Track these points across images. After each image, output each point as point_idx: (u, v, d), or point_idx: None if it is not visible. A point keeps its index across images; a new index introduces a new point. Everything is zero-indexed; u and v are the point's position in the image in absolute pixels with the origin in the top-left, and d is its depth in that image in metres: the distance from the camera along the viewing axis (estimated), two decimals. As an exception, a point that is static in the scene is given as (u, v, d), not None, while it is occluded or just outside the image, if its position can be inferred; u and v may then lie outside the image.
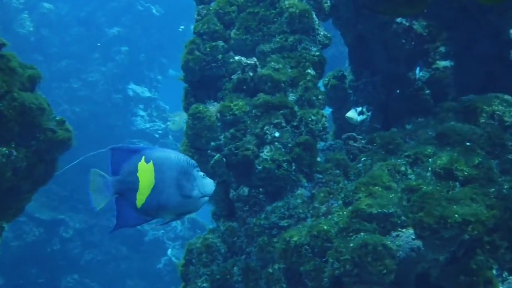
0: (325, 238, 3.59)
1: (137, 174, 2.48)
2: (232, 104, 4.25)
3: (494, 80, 4.70)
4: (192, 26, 4.77)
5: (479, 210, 3.34)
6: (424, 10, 4.14)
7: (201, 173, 2.64)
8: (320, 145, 4.40)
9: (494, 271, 3.43)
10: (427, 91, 4.85)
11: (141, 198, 2.48)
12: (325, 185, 4.10)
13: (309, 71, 4.44)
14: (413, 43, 4.77)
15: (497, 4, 3.38)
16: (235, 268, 4.08)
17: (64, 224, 11.90)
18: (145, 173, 2.48)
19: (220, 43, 4.54)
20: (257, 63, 4.40)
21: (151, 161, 2.50)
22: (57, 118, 3.87)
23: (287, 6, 4.52)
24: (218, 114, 4.30)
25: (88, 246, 12.21)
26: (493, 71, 4.67)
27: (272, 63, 4.42)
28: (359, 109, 4.93)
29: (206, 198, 2.67)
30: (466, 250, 3.42)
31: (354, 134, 4.47)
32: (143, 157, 2.50)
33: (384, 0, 1.71)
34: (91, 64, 13.73)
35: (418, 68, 4.78)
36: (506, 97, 4.30)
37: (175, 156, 2.59)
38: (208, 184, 2.66)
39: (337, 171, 4.14)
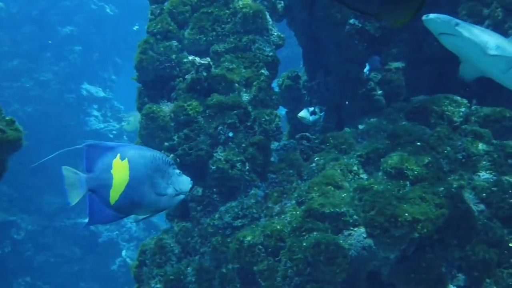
0: (278, 237, 3.61)
1: (111, 171, 2.49)
2: (185, 104, 4.23)
3: (444, 81, 4.79)
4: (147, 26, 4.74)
5: (429, 209, 3.40)
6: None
7: (177, 171, 2.67)
8: (274, 145, 4.42)
9: (443, 269, 3.50)
10: (379, 92, 4.92)
11: (114, 195, 2.49)
12: (278, 185, 4.12)
13: (262, 71, 4.46)
14: (365, 44, 4.83)
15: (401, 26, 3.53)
16: (188, 268, 4.07)
17: (15, 226, 11.66)
18: (120, 170, 2.50)
19: (174, 42, 4.52)
20: (211, 63, 4.39)
21: (126, 159, 2.52)
22: (7, 118, 3.78)
23: (240, 6, 4.52)
24: (172, 114, 4.28)
25: (40, 248, 11.98)
26: (443, 72, 4.76)
27: (226, 63, 4.42)
28: (311, 109, 4.97)
29: (182, 196, 2.71)
30: (416, 248, 3.48)
31: (307, 134, 4.50)
32: (118, 154, 2.51)
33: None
34: (43, 63, 13.49)
35: (368, 65, 4.83)
36: (455, 97, 4.39)
37: (151, 154, 2.61)
38: (184, 182, 2.69)
39: (291, 171, 4.16)
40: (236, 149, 4.14)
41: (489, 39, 3.84)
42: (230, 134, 4.16)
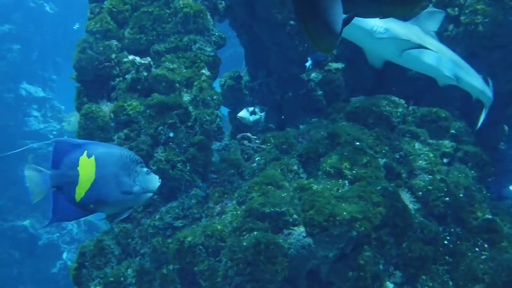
0: (219, 237, 3.61)
1: (78, 168, 2.50)
2: (126, 104, 4.19)
3: (383, 82, 4.88)
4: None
5: (366, 208, 3.46)
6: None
7: (145, 169, 2.68)
8: (215, 145, 4.42)
9: (381, 266, 3.56)
10: (320, 92, 4.97)
11: (80, 192, 2.51)
12: (219, 185, 4.12)
13: (204, 71, 4.45)
14: (306, 44, 4.87)
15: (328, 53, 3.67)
16: (129, 270, 4.02)
17: (-49, 229, 11.35)
18: (86, 167, 2.51)
19: (114, 42, 4.47)
20: (152, 63, 4.36)
21: (93, 156, 2.52)
22: None
23: (181, 6, 4.50)
24: (112, 114, 4.23)
25: (-22, 251, 11.69)
26: (382, 74, 4.85)
27: (167, 63, 4.40)
28: (251, 109, 4.99)
29: (150, 194, 2.72)
30: (354, 247, 3.53)
31: (248, 134, 4.51)
32: (86, 151, 2.52)
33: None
34: (-20, 62, 13.17)
35: (310, 59, 4.87)
36: (393, 98, 4.48)
37: (118, 152, 2.63)
38: (152, 180, 2.70)
39: (232, 171, 4.17)
40: (177, 149, 4.12)
41: (376, 23, 3.93)
42: (171, 134, 4.14)
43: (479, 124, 4.55)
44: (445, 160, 4.30)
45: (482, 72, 4.55)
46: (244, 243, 3.45)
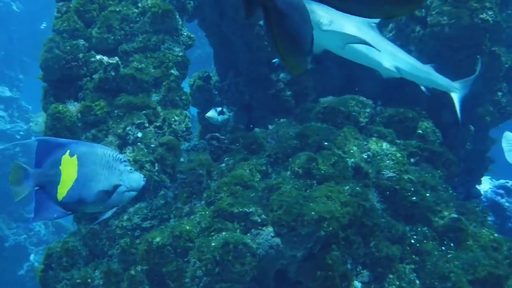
0: (187, 238, 3.60)
1: (60, 167, 2.51)
2: (93, 104, 4.16)
3: (351, 83, 4.91)
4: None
5: (334, 208, 3.47)
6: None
7: (129, 168, 2.68)
8: (184, 145, 4.41)
9: (348, 266, 3.58)
10: (289, 93, 4.99)
11: (62, 191, 2.51)
12: (188, 185, 4.11)
13: (172, 71, 4.44)
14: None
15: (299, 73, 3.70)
16: (96, 271, 3.99)
17: None
18: (68, 166, 2.52)
19: (81, 41, 4.42)
20: (119, 62, 4.33)
21: (76, 155, 2.53)
22: None
23: (149, 5, 4.48)
24: (79, 115, 4.19)
25: None
26: (350, 74, 4.88)
27: (135, 63, 4.37)
28: (219, 109, 4.99)
29: (133, 193, 2.72)
30: (322, 246, 3.54)
31: (217, 134, 4.50)
32: (68, 150, 2.53)
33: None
34: None
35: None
36: (361, 98, 4.51)
37: (101, 150, 2.62)
38: (135, 179, 2.70)
39: (200, 171, 4.15)
40: (145, 150, 4.10)
41: (323, 15, 3.96)
42: (139, 135, 4.12)
43: (459, 114, 4.57)
44: (412, 160, 4.35)
45: (448, 73, 4.61)
46: (213, 244, 3.45)
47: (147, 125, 4.16)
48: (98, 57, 4.36)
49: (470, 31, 4.53)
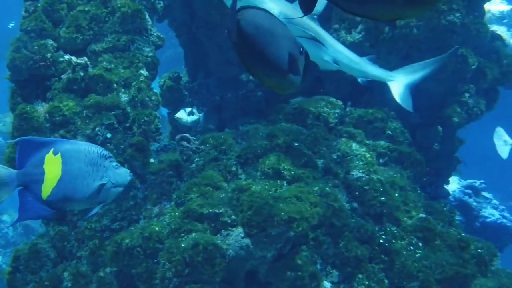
0: (157, 239, 3.58)
1: (44, 166, 2.51)
2: (61, 105, 4.11)
3: (321, 83, 4.94)
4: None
5: (304, 208, 3.49)
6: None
7: (114, 164, 2.68)
8: (154, 146, 4.38)
9: (318, 266, 3.61)
10: (259, 93, 5.00)
11: (46, 190, 2.51)
12: (158, 186, 4.09)
13: (142, 71, 4.41)
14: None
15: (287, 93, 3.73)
16: (65, 273, 3.95)
17: None
18: (52, 165, 2.51)
19: (49, 41, 4.37)
20: (88, 62, 4.29)
21: (59, 153, 2.53)
22: None
23: (119, 5, 4.45)
24: (47, 115, 4.14)
25: None
26: (320, 75, 4.91)
27: (104, 63, 4.34)
28: (189, 109, 4.98)
29: (120, 189, 2.72)
30: (292, 247, 3.56)
31: (187, 135, 4.49)
32: (52, 149, 2.53)
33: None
34: None
35: None
36: (331, 99, 4.54)
37: (85, 147, 2.62)
38: (121, 175, 2.70)
39: (170, 172, 4.14)
40: (115, 151, 4.06)
41: (272, 7, 3.95)
42: (108, 135, 4.09)
43: (398, 101, 4.51)
44: (381, 161, 4.39)
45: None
46: (182, 245, 3.44)
47: (116, 125, 4.12)
48: (66, 57, 4.31)
49: (438, 32, 4.58)
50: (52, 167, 2.52)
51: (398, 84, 4.49)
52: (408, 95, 4.48)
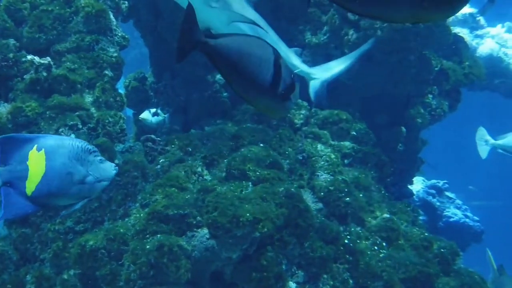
0: (122, 241, 3.56)
1: (27, 162, 2.49)
2: (24, 105, 4.05)
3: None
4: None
5: (269, 209, 3.50)
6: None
7: (99, 158, 2.66)
8: (119, 147, 4.34)
9: (283, 266, 3.61)
10: (225, 94, 5.00)
11: (30, 186, 2.50)
12: (123, 187, 4.05)
13: (106, 72, 4.37)
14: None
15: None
16: (28, 276, 3.89)
17: None
18: (36, 161, 2.50)
19: (11, 41, 4.30)
20: (52, 63, 4.24)
21: (43, 149, 2.51)
22: None
23: (82, 5, 4.40)
24: (9, 116, 4.08)
25: None
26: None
27: (68, 63, 4.29)
28: (153, 110, 4.96)
29: (105, 183, 2.70)
30: (258, 247, 3.56)
31: (152, 136, 4.47)
32: (36, 145, 2.52)
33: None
34: None
35: None
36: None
37: (69, 143, 2.60)
38: (106, 169, 2.68)
39: (135, 173, 4.11)
40: (79, 152, 4.02)
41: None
42: (72, 136, 4.04)
43: (312, 98, 4.56)
44: (346, 161, 4.42)
45: (381, 75, 4.71)
46: (148, 246, 3.42)
47: (80, 126, 4.08)
48: (29, 57, 4.25)
49: (402, 34, 4.63)
50: (36, 163, 2.51)
51: (316, 80, 4.53)
52: (324, 92, 4.52)
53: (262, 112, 2.00)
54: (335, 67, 4.53)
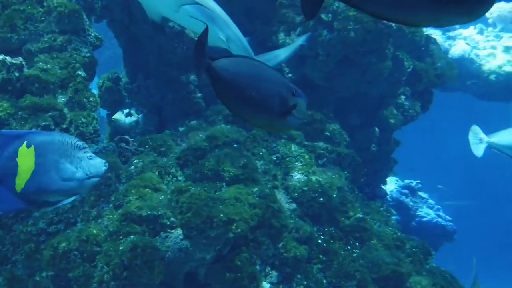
0: (95, 242, 3.54)
1: (17, 159, 2.48)
2: (-4, 106, 4.02)
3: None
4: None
5: (243, 209, 3.51)
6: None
7: (88, 154, 2.64)
8: (92, 148, 4.32)
9: (257, 267, 3.62)
10: (199, 95, 4.99)
11: (20, 182, 2.49)
12: (95, 188, 4.03)
13: (79, 72, 4.34)
14: (185, 47, 4.88)
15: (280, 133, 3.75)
16: (-1, 278, 3.86)
17: None
18: (25, 157, 2.49)
19: (-18, 41, 4.27)
20: (24, 63, 4.21)
21: (32, 146, 2.50)
22: None
23: (55, 5, 4.37)
24: (-20, 116, 4.04)
25: None
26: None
27: (40, 63, 4.25)
28: (127, 111, 4.94)
29: (95, 179, 2.68)
30: (232, 248, 3.57)
31: (126, 136, 4.45)
32: (25, 141, 2.50)
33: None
34: None
35: None
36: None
37: (59, 139, 2.59)
38: (96, 165, 2.65)
39: (109, 174, 4.09)
40: (51, 152, 3.99)
41: None
42: (46, 137, 4.01)
43: None
44: (320, 162, 4.44)
45: (354, 76, 4.74)
46: (121, 247, 3.41)
47: (53, 127, 4.05)
48: (0, 57, 4.20)
49: (375, 35, 4.67)
50: (26, 160, 2.49)
51: None
52: None
53: (265, 129, 1.98)
54: (270, 60, 4.47)
